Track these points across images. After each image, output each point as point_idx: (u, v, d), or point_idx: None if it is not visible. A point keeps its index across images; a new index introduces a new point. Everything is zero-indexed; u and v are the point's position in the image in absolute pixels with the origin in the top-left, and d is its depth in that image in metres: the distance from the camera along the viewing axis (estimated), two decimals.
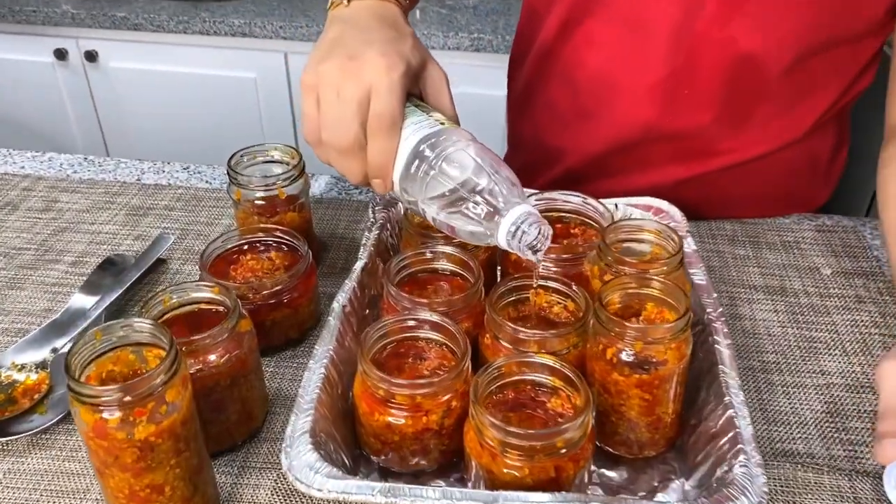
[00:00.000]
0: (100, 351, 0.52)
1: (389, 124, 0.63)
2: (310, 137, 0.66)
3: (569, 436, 0.53)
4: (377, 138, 0.63)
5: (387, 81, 0.62)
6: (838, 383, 0.70)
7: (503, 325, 0.62)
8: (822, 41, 0.80)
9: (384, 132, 0.63)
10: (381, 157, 0.64)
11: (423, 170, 0.62)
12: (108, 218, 0.92)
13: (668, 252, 0.68)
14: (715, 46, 0.81)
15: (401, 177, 0.64)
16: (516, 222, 0.59)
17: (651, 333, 0.57)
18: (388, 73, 0.62)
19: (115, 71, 1.92)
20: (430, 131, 0.63)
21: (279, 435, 0.65)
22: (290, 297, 0.71)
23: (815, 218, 0.93)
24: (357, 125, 0.63)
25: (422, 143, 0.63)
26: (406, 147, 0.63)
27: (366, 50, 0.64)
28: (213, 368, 0.59)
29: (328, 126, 0.64)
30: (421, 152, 0.62)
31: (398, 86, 0.63)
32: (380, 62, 0.63)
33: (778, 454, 0.64)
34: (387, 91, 0.62)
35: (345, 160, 0.65)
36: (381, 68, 0.62)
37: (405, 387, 0.57)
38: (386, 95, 0.62)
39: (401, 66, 0.63)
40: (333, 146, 0.65)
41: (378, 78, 0.62)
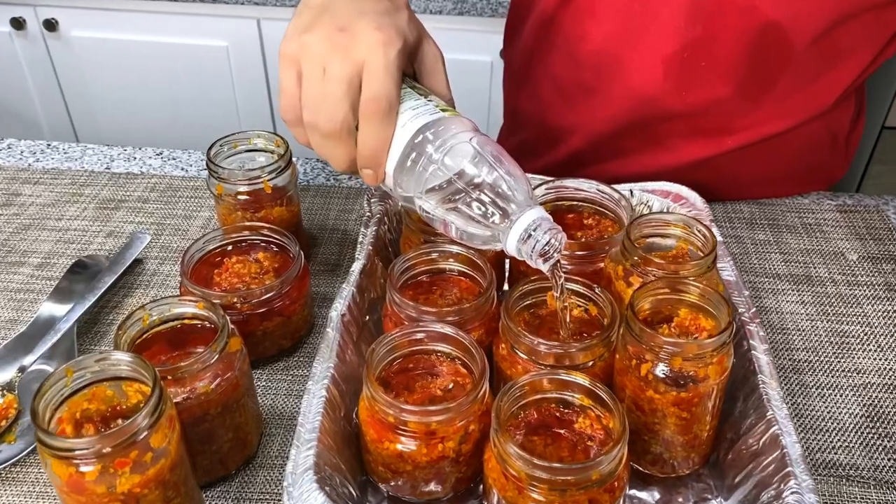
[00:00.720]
0: (72, 389, 0.46)
1: (386, 109, 0.55)
2: (287, 116, 0.59)
3: (604, 468, 0.48)
4: (371, 124, 0.56)
5: (383, 59, 0.55)
6: (876, 383, 0.65)
7: (520, 334, 0.56)
8: (854, 7, 0.73)
9: (379, 118, 0.55)
10: (374, 146, 0.56)
11: (422, 163, 0.55)
12: (77, 213, 0.84)
13: (696, 247, 0.62)
14: (736, 14, 0.74)
15: (395, 168, 0.57)
16: (528, 229, 0.53)
17: (691, 349, 0.51)
18: (384, 49, 0.55)
19: (78, 41, 1.81)
20: (429, 119, 0.56)
21: (276, 460, 0.60)
22: (282, 304, 0.65)
23: (836, 197, 0.87)
24: (347, 107, 0.55)
25: (421, 132, 0.55)
26: (403, 136, 0.56)
27: (358, 21, 0.56)
28: (202, 396, 0.53)
29: (311, 105, 0.57)
30: (420, 143, 0.55)
31: (395, 65, 0.55)
32: (375, 36, 0.55)
33: (819, 466, 0.59)
34: (383, 71, 0.55)
35: (330, 145, 0.57)
36: (377, 44, 0.55)
37: (417, 413, 0.51)
38: (382, 76, 0.55)
39: (398, 41, 0.56)
40: (318, 128, 0.57)
41: (373, 55, 0.55)
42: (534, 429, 0.53)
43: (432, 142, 0.55)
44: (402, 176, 0.56)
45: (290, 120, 0.59)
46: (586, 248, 0.65)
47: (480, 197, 0.54)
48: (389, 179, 0.58)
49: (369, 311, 0.66)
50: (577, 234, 0.69)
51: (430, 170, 0.55)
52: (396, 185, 0.58)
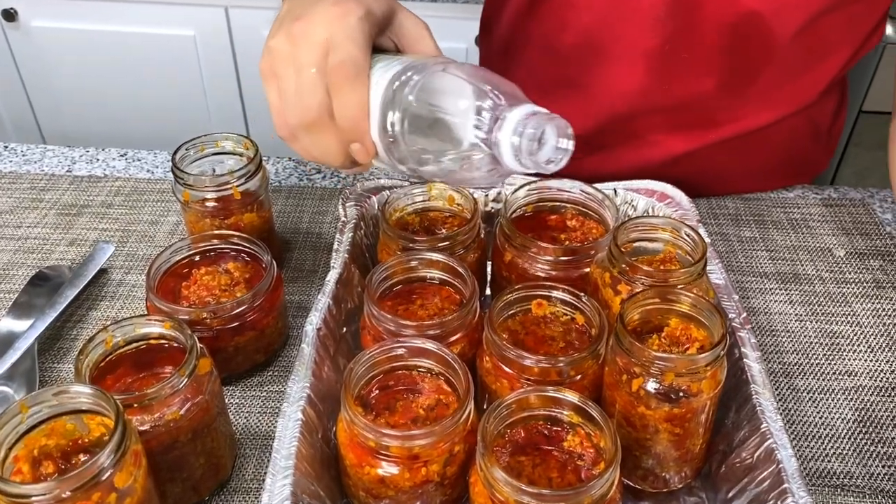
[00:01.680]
0: (28, 426, 0.43)
1: (352, 73, 0.51)
2: (281, 132, 0.55)
3: (595, 493, 0.45)
4: (340, 91, 0.52)
5: (341, 28, 0.52)
6: (867, 385, 0.64)
7: (505, 348, 0.53)
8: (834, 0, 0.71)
9: (346, 82, 0.52)
10: (349, 113, 0.52)
11: (399, 112, 0.50)
12: (37, 220, 0.80)
13: (684, 251, 0.60)
14: (717, 5, 0.72)
15: (378, 132, 0.52)
16: (517, 128, 0.46)
17: (684, 364, 0.49)
18: (342, 19, 0.52)
19: (38, 31, 1.75)
20: (399, 67, 0.52)
21: (251, 484, 0.57)
22: (255, 317, 0.62)
23: (821, 191, 0.86)
24: (320, 90, 0.52)
25: (393, 81, 0.51)
26: (377, 94, 0.52)
27: (315, 6, 0.53)
28: (171, 423, 0.50)
29: (291, 106, 0.53)
30: (394, 92, 0.51)
31: (356, 30, 0.52)
32: (331, 12, 0.52)
33: (813, 475, 0.57)
34: (344, 37, 0.52)
35: (316, 137, 0.54)
36: (334, 18, 0.52)
37: (399, 438, 0.49)
38: (344, 42, 0.52)
39: (357, 9, 0.53)
40: (302, 126, 0.53)
41: (332, 28, 0.52)
42: (521, 448, 0.51)
43: (404, 84, 0.50)
44: (388, 136, 0.52)
45: (285, 135, 0.56)
46: (572, 254, 0.62)
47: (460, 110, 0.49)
48: (380, 147, 0.53)
49: (346, 322, 0.64)
50: (561, 237, 0.67)
51: (410, 112, 0.50)
52: (389, 152, 0.53)
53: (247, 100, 1.79)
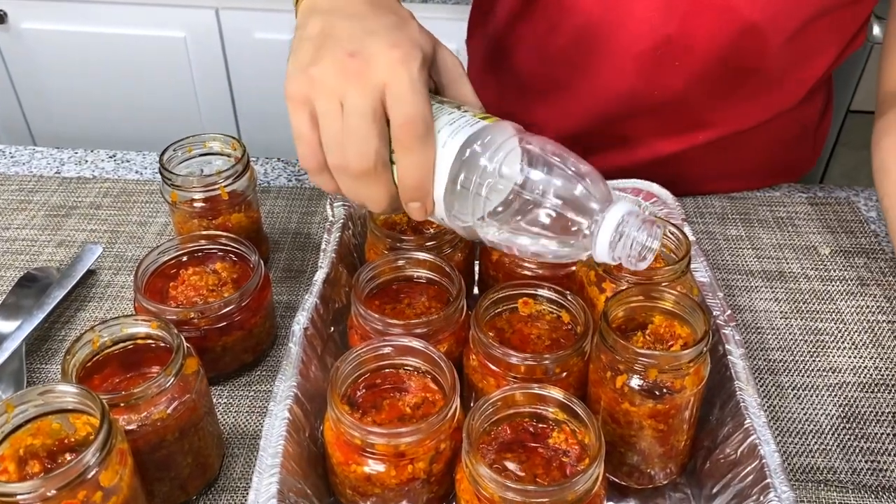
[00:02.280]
0: (14, 425, 0.43)
1: (423, 131, 0.49)
2: (309, 164, 0.52)
3: (580, 488, 0.46)
4: (409, 151, 0.49)
5: (406, 78, 0.48)
6: (851, 382, 0.65)
7: (491, 346, 0.54)
8: (827, 5, 0.72)
9: (419, 142, 0.49)
10: (417, 174, 0.50)
11: (475, 181, 0.49)
12: (25, 221, 0.80)
13: (668, 249, 0.61)
14: (713, 14, 0.72)
15: (445, 193, 0.50)
16: (620, 228, 0.47)
17: (667, 361, 0.50)
18: (405, 67, 0.49)
19: (29, 33, 1.74)
20: (472, 131, 0.49)
21: (239, 483, 0.57)
22: (243, 317, 0.62)
23: (807, 189, 0.86)
24: (376, 139, 0.49)
25: (466, 146, 0.49)
26: (446, 156, 0.49)
27: (369, 41, 0.50)
28: (158, 422, 0.50)
29: (335, 146, 0.50)
30: (468, 159, 0.49)
31: (420, 81, 0.49)
32: (392, 55, 0.49)
33: (797, 471, 0.58)
34: (409, 90, 0.48)
35: (365, 185, 0.51)
36: (395, 62, 0.49)
37: (385, 436, 0.49)
38: (410, 95, 0.48)
39: (417, 55, 0.50)
40: (348, 170, 0.50)
41: (394, 75, 0.48)
42: (507, 445, 0.51)
43: (482, 154, 0.49)
44: (455, 201, 0.50)
45: (313, 168, 0.52)
46: None
47: (554, 206, 0.47)
48: (440, 209, 0.51)
49: (334, 322, 0.64)
50: None
51: (486, 186, 0.48)
52: (450, 214, 0.51)
53: (237, 101, 1.79)
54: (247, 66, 1.73)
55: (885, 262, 0.76)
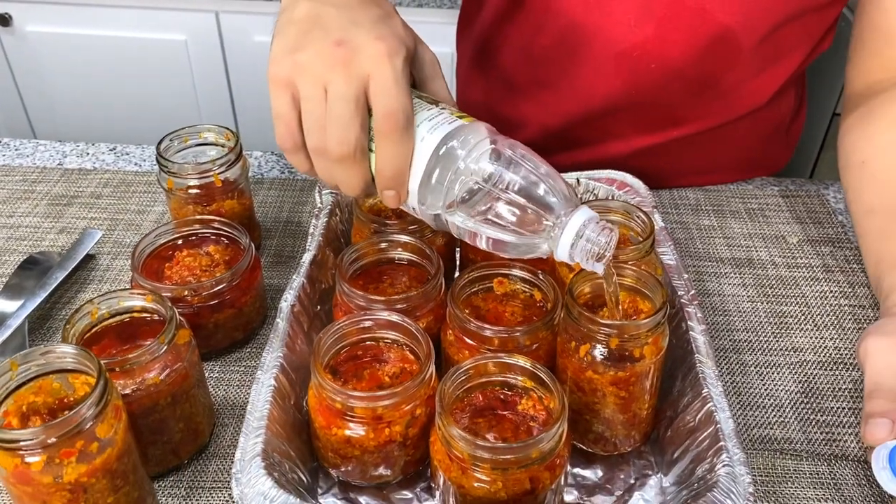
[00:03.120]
0: (18, 382, 0.46)
1: (403, 124, 0.51)
2: (286, 143, 0.54)
3: (544, 446, 0.49)
4: (389, 142, 0.52)
5: (390, 71, 0.51)
6: (812, 360, 0.68)
7: (466, 320, 0.57)
8: (798, 9, 0.76)
9: (398, 134, 0.51)
10: (395, 164, 0.52)
11: (449, 176, 0.52)
12: (28, 209, 0.84)
13: (636, 233, 0.64)
14: (688, 16, 0.76)
15: (420, 185, 0.53)
16: (580, 231, 0.51)
17: (627, 330, 0.53)
18: (389, 60, 0.51)
19: (32, 36, 1.78)
20: (450, 128, 0.53)
21: (229, 449, 0.60)
22: (233, 296, 0.65)
23: (779, 182, 0.90)
24: (358, 127, 0.51)
25: (443, 143, 0.52)
26: (424, 150, 0.52)
27: (355, 32, 0.52)
28: (152, 387, 0.54)
29: (316, 130, 0.52)
30: (445, 154, 0.52)
31: (403, 76, 0.52)
32: (377, 47, 0.51)
33: (755, 441, 0.61)
34: (393, 83, 0.51)
35: (342, 169, 0.54)
36: (380, 55, 0.51)
37: (364, 399, 0.52)
38: (393, 89, 0.51)
39: (401, 50, 0.52)
40: (326, 153, 0.53)
41: (378, 67, 0.51)
42: (479, 411, 0.55)
43: (458, 151, 0.52)
44: (428, 193, 0.53)
45: (289, 147, 0.55)
46: None
47: (518, 203, 0.51)
48: (413, 198, 0.55)
49: (320, 301, 0.67)
50: None
51: (458, 181, 0.52)
52: (420, 203, 0.55)
53: (236, 102, 1.82)
54: (246, 68, 1.77)
55: (849, 251, 0.79)
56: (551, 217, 0.51)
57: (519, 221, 0.52)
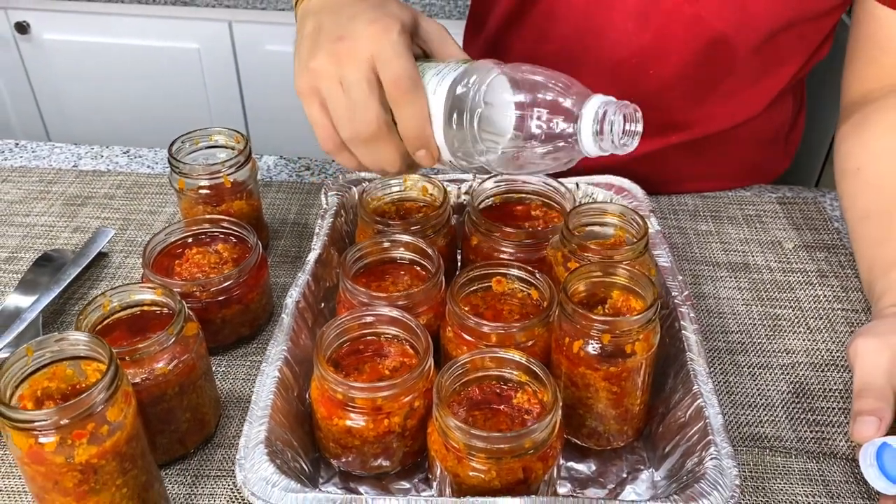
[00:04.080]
0: (33, 368, 0.49)
1: (410, 84, 0.55)
2: (328, 146, 0.59)
3: (537, 436, 0.51)
4: (403, 104, 0.56)
5: (388, 44, 0.55)
6: (804, 362, 0.69)
7: (465, 317, 0.59)
8: (792, 18, 0.78)
9: (408, 94, 0.55)
10: (415, 123, 0.56)
11: (466, 115, 0.55)
12: (44, 209, 0.87)
13: (631, 235, 0.66)
14: (684, 24, 0.78)
15: (444, 135, 0.56)
16: (596, 117, 0.52)
17: (619, 326, 0.55)
18: (385, 35, 0.56)
19: (49, 43, 1.82)
20: (455, 74, 0.56)
21: (234, 440, 0.62)
22: (240, 292, 0.68)
23: (776, 190, 0.92)
24: (376, 103, 0.56)
25: (452, 88, 0.55)
26: (438, 101, 0.56)
27: (352, 25, 0.57)
28: (160, 377, 0.56)
29: (344, 121, 0.57)
30: (458, 97, 0.55)
31: (400, 44, 0.56)
32: (372, 29, 0.56)
33: (746, 438, 0.63)
34: (392, 53, 0.55)
35: (377, 149, 0.58)
36: (376, 34, 0.56)
37: (364, 390, 0.54)
38: (393, 58, 0.55)
39: (395, 24, 0.57)
40: (359, 140, 0.57)
41: (377, 45, 0.56)
42: (475, 405, 0.57)
43: (467, 90, 0.55)
44: (455, 139, 0.56)
45: (332, 149, 0.59)
46: (531, 237, 0.68)
47: (540, 114, 0.53)
48: (445, 152, 0.58)
49: (324, 299, 0.69)
50: (525, 224, 0.73)
51: (476, 116, 0.55)
52: (454, 154, 0.57)
53: (248, 109, 1.86)
54: (257, 76, 1.80)
55: (844, 257, 0.81)
56: (572, 115, 0.53)
57: (552, 132, 0.53)
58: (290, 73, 0.61)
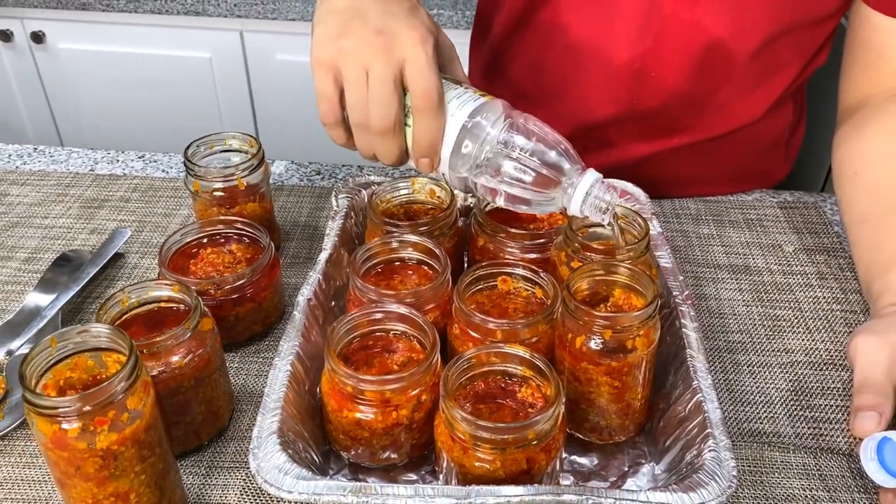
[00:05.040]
0: (56, 358, 0.51)
1: (437, 102, 0.60)
2: (328, 119, 0.63)
3: (540, 428, 0.53)
4: (425, 117, 0.61)
5: (424, 56, 0.59)
6: (802, 361, 0.71)
7: (471, 314, 0.61)
8: (789, 24, 0.80)
9: (433, 111, 0.60)
10: (430, 137, 0.61)
11: (476, 145, 0.61)
12: (62, 211, 0.89)
13: (633, 236, 0.68)
14: (682, 28, 0.80)
15: (451, 154, 0.62)
16: (590, 190, 0.60)
17: (620, 322, 0.57)
18: (423, 47, 0.60)
19: (64, 52, 1.86)
20: (475, 105, 0.62)
21: (246, 433, 0.64)
22: (253, 290, 0.70)
23: (777, 195, 0.93)
24: (396, 104, 0.60)
25: (471, 118, 0.61)
26: (454, 123, 0.62)
27: (391, 23, 0.60)
28: (176, 370, 0.58)
29: (359, 107, 0.61)
30: (472, 128, 0.61)
31: (434, 60, 0.60)
32: (411, 35, 0.60)
33: (745, 434, 0.64)
34: (427, 66, 0.60)
35: (383, 142, 0.62)
36: (415, 42, 0.59)
37: (373, 383, 0.56)
38: (427, 71, 0.60)
39: (431, 38, 0.61)
40: (369, 128, 0.62)
41: (413, 53, 0.59)
42: (481, 398, 0.58)
43: (483, 124, 0.61)
44: (458, 160, 0.63)
45: (331, 122, 0.63)
46: (535, 238, 0.70)
47: (532, 165, 0.61)
48: (444, 165, 0.64)
49: (335, 297, 0.71)
50: (530, 226, 0.75)
51: (484, 150, 0.62)
52: (451, 169, 0.64)
53: (259, 117, 1.88)
54: (268, 85, 1.83)
55: (844, 260, 0.82)
56: (562, 177, 0.61)
57: (533, 181, 0.61)
58: (300, 83, 0.65)
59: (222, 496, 0.59)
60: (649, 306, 0.57)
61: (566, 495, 0.51)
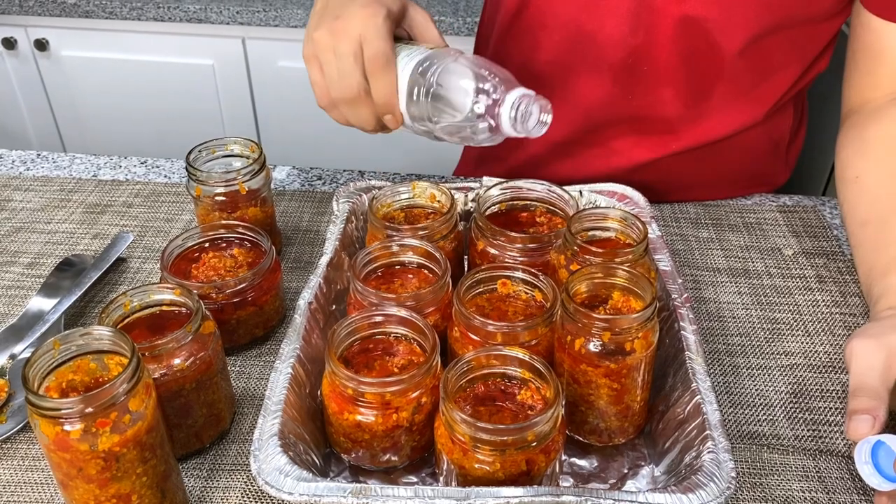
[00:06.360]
0: (59, 361, 0.51)
1: (384, 62, 0.68)
2: (322, 102, 0.72)
3: (539, 429, 0.53)
4: (376, 77, 0.68)
5: (372, 26, 0.67)
6: (801, 364, 0.71)
7: (471, 317, 0.61)
8: (778, 21, 0.80)
9: (381, 70, 0.68)
10: (384, 93, 0.69)
11: (422, 91, 0.67)
12: (65, 216, 0.90)
13: (632, 239, 0.68)
14: (671, 22, 0.81)
15: (406, 105, 0.69)
16: (514, 105, 0.64)
17: (618, 324, 0.57)
18: (372, 19, 0.68)
19: (67, 60, 1.87)
20: (421, 56, 0.69)
21: (248, 436, 0.65)
22: (255, 294, 0.70)
23: (777, 198, 0.94)
24: (358, 74, 0.68)
25: (417, 67, 0.68)
26: (404, 77, 0.69)
27: (349, 7, 0.69)
28: (178, 373, 0.58)
29: (334, 84, 0.70)
30: (418, 76, 0.68)
31: (384, 27, 0.68)
32: (363, 13, 0.68)
33: (744, 436, 0.65)
34: (374, 34, 0.67)
35: (355, 109, 0.71)
36: (365, 17, 0.68)
37: (374, 385, 0.57)
38: (375, 38, 0.67)
39: (381, 10, 0.68)
40: (343, 100, 0.70)
41: (364, 26, 0.67)
42: (481, 401, 0.59)
43: (426, 70, 0.67)
44: (414, 107, 0.69)
45: (325, 105, 0.72)
46: (535, 241, 0.70)
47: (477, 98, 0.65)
48: (407, 119, 0.70)
49: (335, 301, 0.72)
50: (530, 231, 0.75)
51: (432, 91, 0.67)
52: (413, 120, 0.70)
53: (261, 124, 1.89)
54: (270, 92, 1.83)
55: (843, 263, 0.83)
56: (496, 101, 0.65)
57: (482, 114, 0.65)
58: (302, 89, 0.68)
59: (224, 498, 0.60)
60: (647, 308, 0.57)
61: (565, 496, 0.51)
